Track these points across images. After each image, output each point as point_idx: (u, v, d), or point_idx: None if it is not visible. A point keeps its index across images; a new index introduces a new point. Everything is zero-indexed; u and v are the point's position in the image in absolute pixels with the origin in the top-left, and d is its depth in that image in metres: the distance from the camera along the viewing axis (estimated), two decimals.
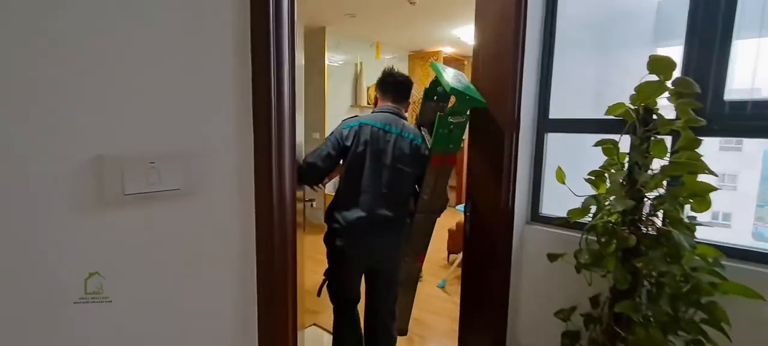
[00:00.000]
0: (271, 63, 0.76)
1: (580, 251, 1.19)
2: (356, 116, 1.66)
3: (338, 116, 4.94)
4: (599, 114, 1.28)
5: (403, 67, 5.84)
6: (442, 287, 3.07)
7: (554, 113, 1.50)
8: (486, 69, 1.39)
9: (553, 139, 1.51)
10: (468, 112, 1.48)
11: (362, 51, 5.14)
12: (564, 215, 1.25)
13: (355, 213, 1.52)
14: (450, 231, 3.56)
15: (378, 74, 1.73)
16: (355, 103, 5.11)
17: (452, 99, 1.55)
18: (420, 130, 1.67)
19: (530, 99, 1.44)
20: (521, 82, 1.32)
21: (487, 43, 1.38)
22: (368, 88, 5.21)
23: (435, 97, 1.72)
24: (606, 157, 1.24)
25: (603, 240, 1.14)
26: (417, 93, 4.97)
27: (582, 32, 1.73)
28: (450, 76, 1.49)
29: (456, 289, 3.00)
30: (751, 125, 1.12)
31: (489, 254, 1.46)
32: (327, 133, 1.81)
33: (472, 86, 1.43)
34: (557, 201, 1.50)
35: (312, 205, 1.52)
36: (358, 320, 1.76)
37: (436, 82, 1.63)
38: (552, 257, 1.25)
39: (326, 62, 4.67)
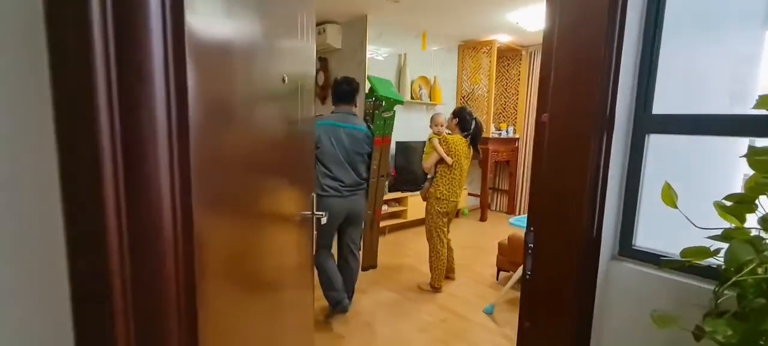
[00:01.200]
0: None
1: (713, 319, 0.79)
2: (321, 116, 2.48)
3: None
4: (741, 109, 0.87)
5: (452, 59, 5.44)
6: (490, 313, 2.67)
7: (658, 108, 1.08)
8: (564, 47, 1.01)
9: (653, 144, 1.10)
10: (394, 109, 2.48)
11: (407, 42, 4.82)
12: (674, 252, 0.86)
13: (333, 183, 2.33)
14: (501, 245, 3.15)
15: (425, 67, 2.94)
16: None
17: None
18: (366, 121, 2.53)
19: (625, 88, 1.04)
20: (619, 62, 0.93)
21: (567, 11, 1.00)
22: (412, 83, 4.88)
23: (373, 99, 2.53)
24: (749, 173, 0.83)
25: (761, 304, 0.73)
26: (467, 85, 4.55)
27: None
28: (381, 85, 2.50)
29: (507, 318, 2.59)
30: None
31: (559, 298, 1.08)
32: None
33: (394, 91, 2.54)
34: (653, 229, 1.10)
35: (322, 222, 1.29)
36: (332, 254, 2.54)
37: (372, 89, 2.55)
38: (660, 322, 0.86)
39: (367, 54, 4.40)
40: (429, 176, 3.01)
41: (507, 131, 5.66)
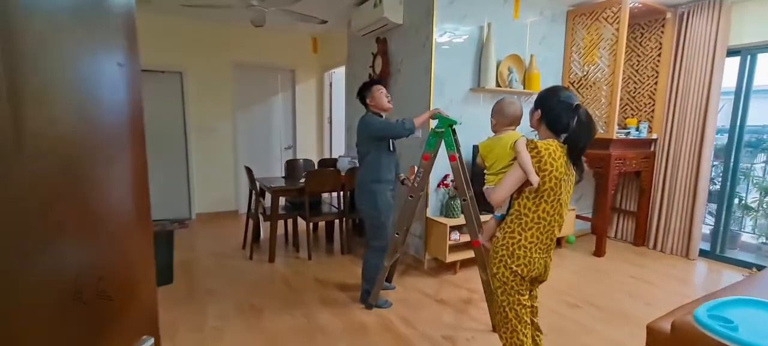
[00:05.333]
0: None
1: None
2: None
3: (452, 108, 3.51)
4: None
5: (557, 32, 4.15)
6: None
7: None
8: None
9: None
10: (445, 128, 2.57)
11: (490, 9, 3.65)
12: None
13: None
14: (654, 331, 1.85)
15: (517, 43, 3.65)
16: (479, 85, 3.65)
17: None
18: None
19: None
20: None
21: None
22: (499, 64, 3.69)
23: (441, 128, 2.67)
24: None
25: None
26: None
27: None
28: (443, 119, 2.64)
29: None
30: None
31: None
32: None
33: (451, 118, 2.61)
34: None
35: None
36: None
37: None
38: None
39: (435, 26, 3.34)
40: (497, 211, 1.83)
41: (638, 130, 4.12)
